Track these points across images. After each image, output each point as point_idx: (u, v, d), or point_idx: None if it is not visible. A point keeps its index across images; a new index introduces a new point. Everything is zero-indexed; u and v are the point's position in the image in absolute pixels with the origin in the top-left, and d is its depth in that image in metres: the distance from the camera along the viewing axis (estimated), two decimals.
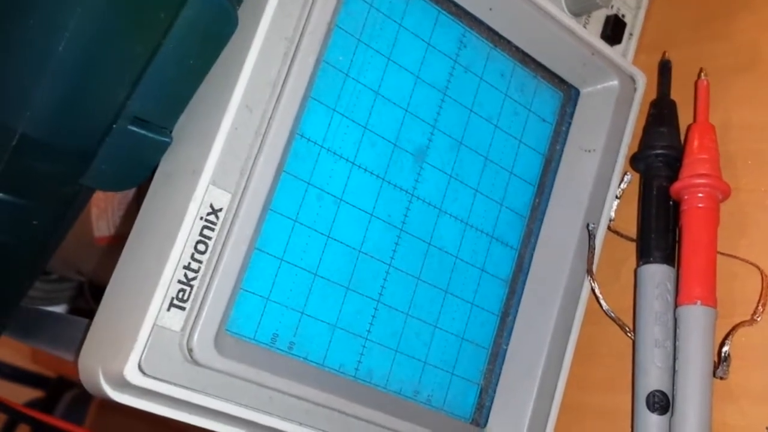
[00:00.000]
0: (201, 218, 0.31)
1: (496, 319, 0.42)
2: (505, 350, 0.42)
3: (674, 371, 0.37)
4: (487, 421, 0.41)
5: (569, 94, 0.45)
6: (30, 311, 0.48)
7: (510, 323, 0.42)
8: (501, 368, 0.42)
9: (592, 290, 0.42)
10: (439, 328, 0.40)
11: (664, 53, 0.45)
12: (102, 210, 0.56)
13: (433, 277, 0.40)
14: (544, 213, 0.43)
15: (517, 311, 0.42)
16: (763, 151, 0.40)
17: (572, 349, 0.42)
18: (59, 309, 0.69)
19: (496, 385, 0.41)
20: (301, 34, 0.33)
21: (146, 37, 0.30)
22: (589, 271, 0.42)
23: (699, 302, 0.37)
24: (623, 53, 0.46)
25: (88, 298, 0.66)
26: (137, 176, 0.35)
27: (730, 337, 0.36)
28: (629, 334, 0.40)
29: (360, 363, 0.37)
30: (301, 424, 0.34)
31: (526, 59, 0.43)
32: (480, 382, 0.41)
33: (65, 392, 1.01)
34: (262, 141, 0.32)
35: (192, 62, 0.31)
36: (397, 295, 0.39)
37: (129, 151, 0.34)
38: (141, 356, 0.30)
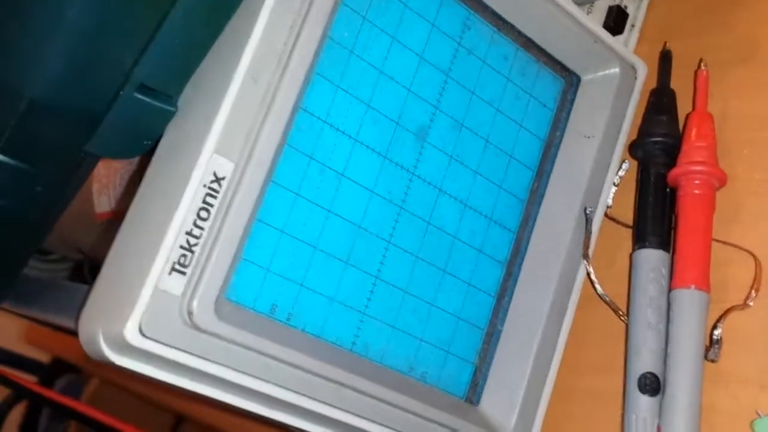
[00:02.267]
0: (204, 185, 0.32)
1: (492, 299, 0.43)
2: (500, 331, 0.42)
3: (666, 354, 0.37)
4: (480, 399, 0.41)
5: (570, 81, 0.45)
6: (30, 280, 0.49)
7: (506, 304, 0.43)
8: (495, 348, 0.42)
9: (588, 274, 0.42)
10: (435, 306, 0.41)
11: (665, 44, 0.45)
12: (103, 185, 0.56)
13: (431, 256, 0.40)
14: (542, 197, 0.44)
15: (513, 293, 0.43)
16: (758, 140, 0.41)
17: (566, 331, 0.42)
18: None
19: (490, 364, 0.42)
20: (308, 8, 0.33)
21: (155, 3, 0.30)
22: (585, 256, 0.42)
23: (693, 286, 0.37)
24: (625, 43, 0.47)
25: (87, 277, 0.67)
26: (141, 145, 0.36)
27: (722, 320, 0.37)
28: (623, 318, 0.41)
29: (357, 337, 0.38)
30: (297, 392, 0.34)
31: (528, 44, 0.43)
32: (474, 361, 0.42)
33: (59, 377, 1.02)
34: (266, 112, 0.33)
35: (199, 31, 0.31)
36: (396, 271, 0.39)
37: (134, 119, 0.34)
38: (142, 318, 0.30)
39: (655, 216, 0.41)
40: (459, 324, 0.41)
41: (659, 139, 0.42)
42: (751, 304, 0.37)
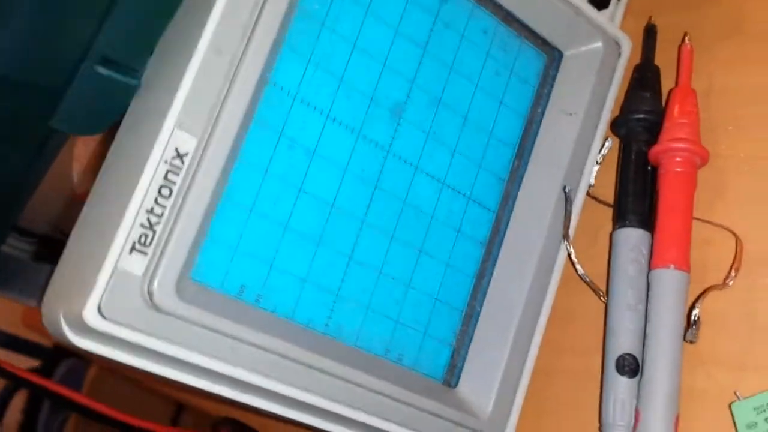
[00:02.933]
0: (165, 162, 0.31)
1: (470, 280, 0.42)
2: (479, 312, 0.41)
3: (645, 335, 0.37)
4: (458, 381, 0.40)
5: (552, 56, 0.44)
6: (12, 260, 0.48)
7: (485, 285, 0.42)
8: (474, 330, 0.41)
9: (568, 254, 0.41)
10: (412, 287, 0.40)
11: (650, 18, 0.44)
12: (83, 165, 0.55)
13: (407, 236, 0.39)
14: (522, 176, 0.43)
15: (492, 273, 0.42)
16: (743, 116, 0.40)
17: (547, 312, 0.41)
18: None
19: (469, 346, 0.41)
20: None
21: None
22: (566, 236, 0.41)
23: (672, 266, 0.36)
24: (611, 18, 0.46)
25: None
26: (106, 120, 0.35)
27: (701, 300, 0.36)
28: (603, 299, 0.40)
29: (330, 319, 0.37)
30: (266, 375, 0.34)
31: (509, 18, 0.42)
32: (452, 343, 0.41)
33: (62, 361, 1.01)
34: (230, 86, 0.31)
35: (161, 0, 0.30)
36: (370, 252, 0.38)
37: (97, 93, 0.33)
38: (101, 299, 0.29)
39: (636, 194, 0.40)
40: (436, 305, 0.40)
41: (642, 116, 0.41)
42: (731, 283, 0.36)
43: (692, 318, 0.35)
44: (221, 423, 0.58)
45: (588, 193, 0.43)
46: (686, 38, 0.42)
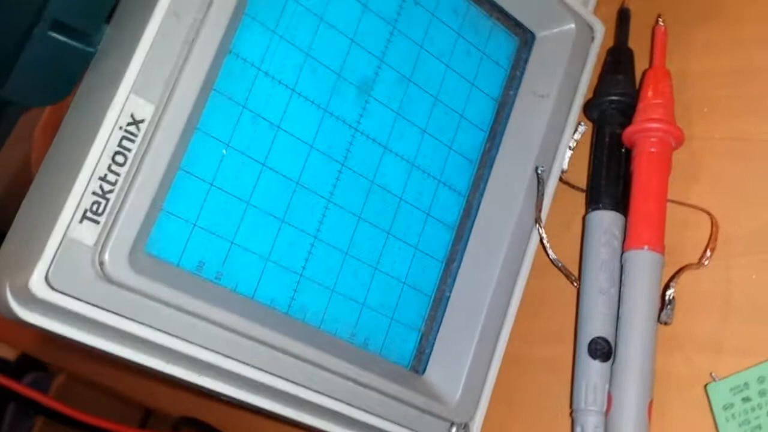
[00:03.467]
0: (120, 128, 0.29)
1: (440, 264, 0.41)
2: (449, 297, 0.40)
3: (618, 318, 0.36)
4: (426, 368, 0.39)
5: (525, 38, 0.43)
6: None
7: (454, 270, 0.41)
8: (443, 315, 0.40)
9: (540, 239, 0.40)
10: (379, 270, 0.38)
11: (624, 1, 0.43)
12: (42, 152, 0.53)
13: (374, 217, 0.38)
14: (494, 159, 0.42)
15: (462, 258, 0.41)
16: (718, 98, 0.39)
17: (518, 299, 0.40)
18: None
19: (437, 332, 0.40)
20: None
21: None
22: (537, 219, 0.40)
23: (646, 247, 0.36)
24: (584, 3, 0.45)
25: None
26: (61, 90, 0.33)
27: (675, 280, 0.35)
28: (575, 284, 0.39)
29: (293, 299, 0.36)
30: (225, 355, 0.32)
31: None
32: (421, 329, 0.40)
33: (26, 374, 0.99)
34: (189, 52, 0.30)
35: None
36: (336, 232, 0.37)
37: (51, 60, 0.32)
38: (49, 268, 0.28)
39: (609, 176, 0.39)
40: (404, 289, 0.39)
41: (615, 98, 0.40)
42: (706, 263, 0.35)
43: (667, 298, 0.34)
44: (180, 422, 0.57)
45: (561, 179, 0.42)
46: (660, 20, 0.41)
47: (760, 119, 0.37)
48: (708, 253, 0.35)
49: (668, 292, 0.34)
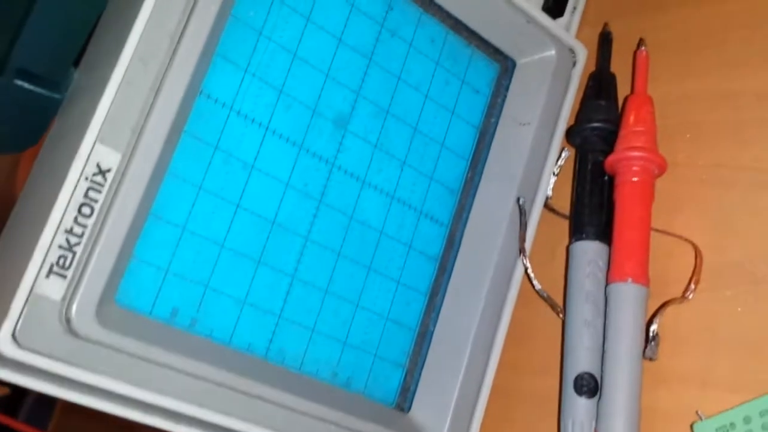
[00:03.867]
0: (86, 178, 0.29)
1: (423, 298, 0.40)
2: (433, 331, 0.40)
3: (604, 352, 0.35)
4: (411, 405, 0.38)
5: (505, 65, 0.42)
6: None
7: (438, 303, 0.40)
8: (428, 350, 0.39)
9: (525, 269, 0.40)
10: (361, 306, 0.38)
11: (605, 24, 0.43)
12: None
13: (354, 253, 0.38)
14: (476, 188, 0.41)
15: (446, 290, 0.40)
16: (702, 123, 0.38)
17: (504, 331, 0.40)
18: None
19: (422, 367, 0.39)
20: None
21: None
22: (522, 250, 0.40)
23: (630, 279, 0.35)
24: (566, 27, 0.44)
25: None
26: (30, 137, 0.33)
27: (659, 315, 0.34)
28: (560, 315, 0.38)
29: (271, 342, 0.35)
30: (201, 405, 0.31)
31: (458, 26, 0.41)
32: (405, 365, 0.39)
33: (22, 406, 0.98)
34: (155, 97, 0.30)
35: (75, 8, 0.29)
36: (315, 270, 0.36)
37: (19, 108, 0.31)
38: (16, 326, 0.27)
39: (592, 206, 0.38)
40: (387, 325, 0.39)
41: (597, 124, 0.40)
42: (691, 297, 0.34)
43: (650, 334, 0.34)
44: None
45: (546, 205, 0.41)
46: (642, 44, 0.40)
47: (744, 145, 0.37)
48: (692, 286, 0.35)
49: (652, 328, 0.34)
